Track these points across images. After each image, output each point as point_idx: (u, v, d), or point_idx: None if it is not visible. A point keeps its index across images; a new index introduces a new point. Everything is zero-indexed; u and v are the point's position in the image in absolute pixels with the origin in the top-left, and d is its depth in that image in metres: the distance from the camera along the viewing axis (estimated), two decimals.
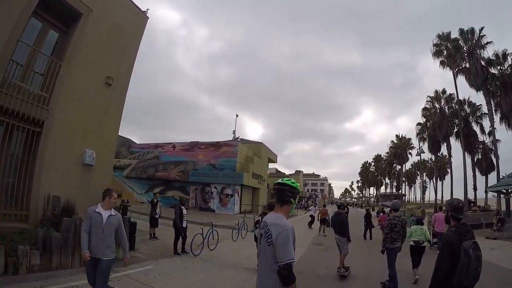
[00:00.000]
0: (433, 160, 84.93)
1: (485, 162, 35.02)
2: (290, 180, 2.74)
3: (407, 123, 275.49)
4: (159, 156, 33.91)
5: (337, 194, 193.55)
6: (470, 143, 34.69)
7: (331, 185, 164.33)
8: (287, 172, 68.28)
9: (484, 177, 35.45)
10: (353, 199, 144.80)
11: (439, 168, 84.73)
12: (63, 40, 8.89)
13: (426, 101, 40.51)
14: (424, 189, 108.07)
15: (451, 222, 3.31)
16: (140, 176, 33.35)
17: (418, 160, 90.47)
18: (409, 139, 68.41)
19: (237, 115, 36.31)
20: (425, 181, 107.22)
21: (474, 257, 2.88)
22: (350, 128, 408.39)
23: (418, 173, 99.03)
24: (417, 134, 43.22)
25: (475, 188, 34.19)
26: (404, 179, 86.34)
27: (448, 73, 34.94)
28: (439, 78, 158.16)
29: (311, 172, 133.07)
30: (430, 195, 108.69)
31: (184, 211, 9.72)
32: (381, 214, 19.44)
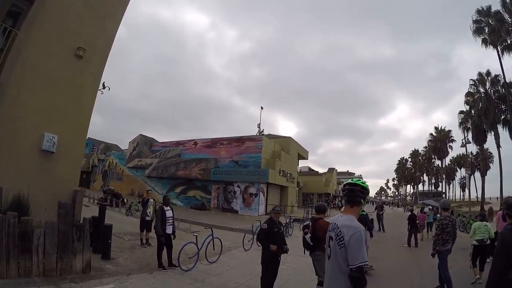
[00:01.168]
0: (474, 154, 79.52)
1: None
2: (360, 180, 2.74)
3: (444, 117, 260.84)
4: (181, 154, 32.08)
5: (372, 192, 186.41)
6: None
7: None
8: (321, 171, 64.81)
9: None
10: (389, 198, 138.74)
11: (482, 163, 78.62)
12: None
13: (470, 84, 36.06)
14: (464, 186, 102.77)
15: (507, 220, 3.25)
16: (162, 175, 31.71)
17: (457, 155, 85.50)
18: (449, 131, 62.65)
19: (262, 108, 33.06)
20: (469, 175, 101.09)
21: None
22: (385, 124, 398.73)
23: (458, 169, 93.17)
24: (460, 124, 38.79)
25: None
26: (443, 175, 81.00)
27: (489, 56, 31.72)
28: (476, 67, 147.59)
29: (345, 170, 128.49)
30: (471, 192, 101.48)
31: (169, 213, 7.49)
32: (420, 213, 17.72)
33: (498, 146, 33.83)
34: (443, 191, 73.05)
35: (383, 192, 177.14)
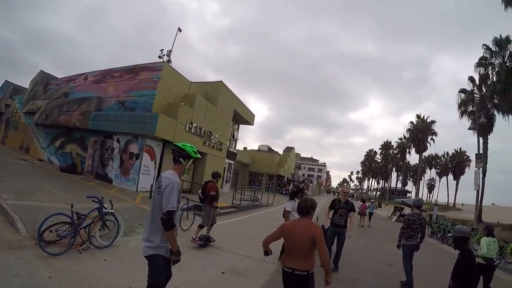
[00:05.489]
0: (449, 154, 71.96)
1: None
2: (182, 143, 3.24)
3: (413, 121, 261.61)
4: (69, 92, 21.19)
5: (334, 183, 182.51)
6: None
7: (329, 173, 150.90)
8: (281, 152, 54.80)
9: None
10: (351, 190, 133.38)
11: (455, 166, 71.09)
12: None
13: (484, 49, 25.84)
14: (431, 187, 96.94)
15: None
16: (45, 122, 21.19)
17: (429, 155, 77.36)
18: (433, 121, 52.08)
19: (179, 29, 21.15)
20: (434, 179, 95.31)
21: None
22: (355, 118, 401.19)
23: (428, 169, 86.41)
24: (459, 106, 29.37)
25: None
26: (410, 173, 74.01)
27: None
28: (451, 79, 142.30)
29: (310, 156, 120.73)
30: (439, 195, 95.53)
31: None
32: (362, 203, 19.33)
33: None
34: (410, 190, 65.18)
35: (345, 184, 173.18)
